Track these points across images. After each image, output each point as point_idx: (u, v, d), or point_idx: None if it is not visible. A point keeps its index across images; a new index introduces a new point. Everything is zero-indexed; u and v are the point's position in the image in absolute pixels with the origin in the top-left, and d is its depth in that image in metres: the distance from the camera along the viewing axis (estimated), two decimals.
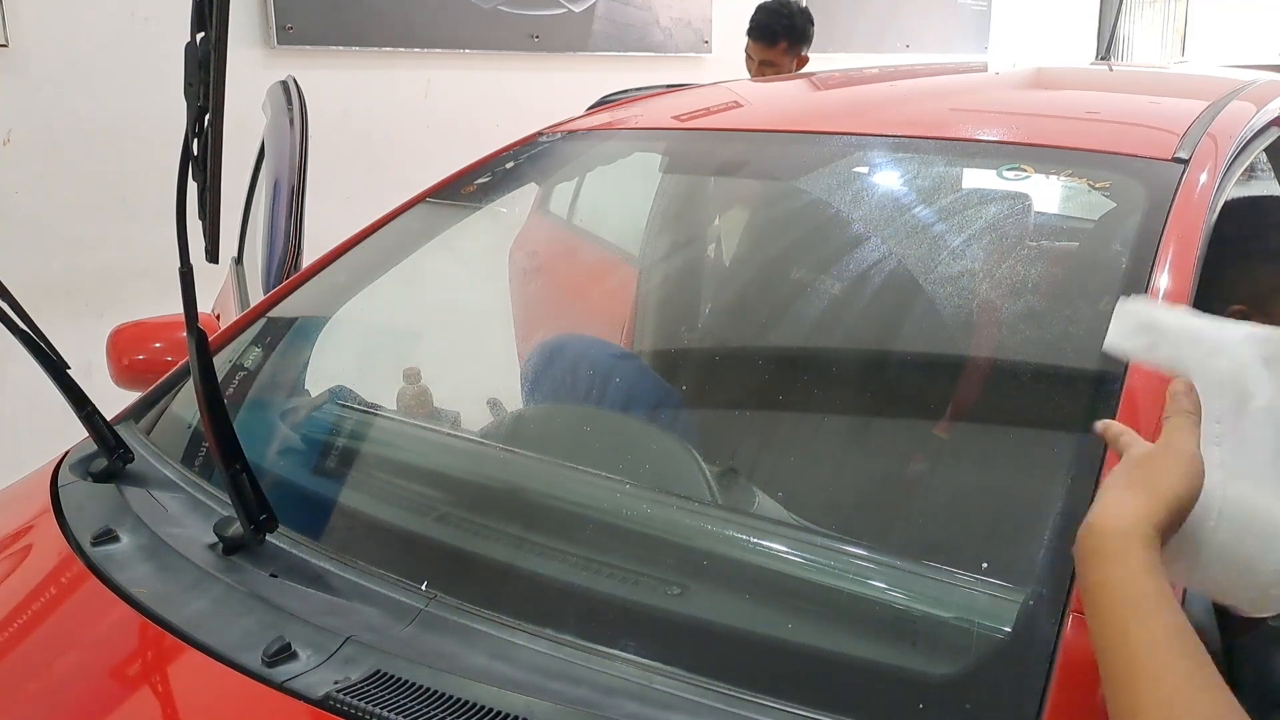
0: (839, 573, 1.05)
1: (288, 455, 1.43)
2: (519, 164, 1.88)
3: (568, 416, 1.60)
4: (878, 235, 1.71)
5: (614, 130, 1.95)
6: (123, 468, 1.34)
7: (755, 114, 1.94)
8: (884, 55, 6.00)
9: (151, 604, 1.07)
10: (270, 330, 1.62)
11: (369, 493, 1.33)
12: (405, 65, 3.97)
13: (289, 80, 2.24)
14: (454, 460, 1.41)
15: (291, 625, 1.02)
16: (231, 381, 1.51)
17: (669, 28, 4.90)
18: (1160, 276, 1.15)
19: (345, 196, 2.97)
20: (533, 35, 4.35)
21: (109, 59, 3.19)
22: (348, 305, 1.70)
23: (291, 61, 3.49)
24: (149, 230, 3.08)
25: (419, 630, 1.02)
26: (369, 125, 3.84)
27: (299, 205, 1.96)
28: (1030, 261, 1.37)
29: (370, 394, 1.50)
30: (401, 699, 0.91)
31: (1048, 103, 1.99)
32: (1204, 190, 1.26)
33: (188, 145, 0.99)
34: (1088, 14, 7.89)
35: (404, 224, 1.76)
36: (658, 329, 2.01)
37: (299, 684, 0.94)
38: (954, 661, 0.92)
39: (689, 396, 1.62)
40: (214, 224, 1.00)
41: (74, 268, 3.19)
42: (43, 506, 1.29)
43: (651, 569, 1.08)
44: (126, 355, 1.80)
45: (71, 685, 1.02)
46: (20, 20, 2.99)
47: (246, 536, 1.13)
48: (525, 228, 2.30)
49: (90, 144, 3.17)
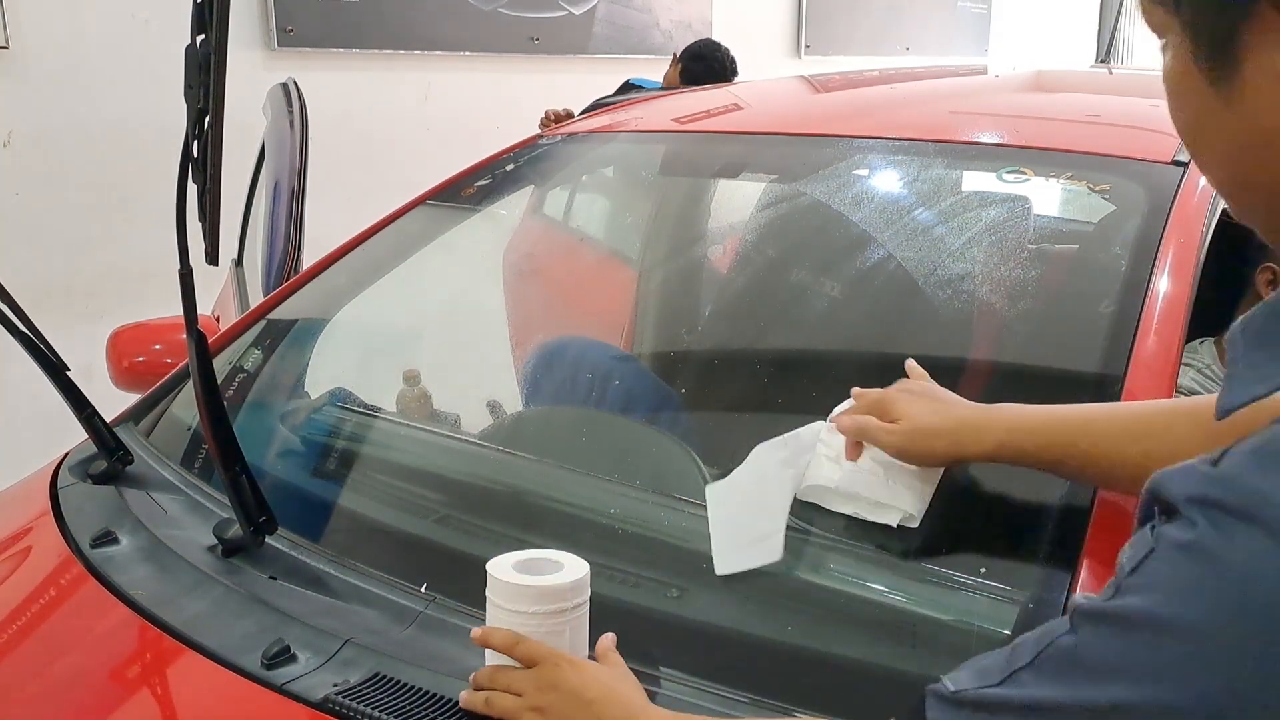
0: (838, 575, 1.05)
1: (287, 457, 1.43)
2: (519, 166, 1.88)
3: (567, 419, 1.60)
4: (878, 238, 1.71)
5: (613, 133, 1.95)
6: (122, 470, 1.34)
7: (755, 116, 1.94)
8: (883, 58, 6.00)
9: (151, 606, 1.07)
10: (270, 332, 1.62)
11: (368, 495, 1.33)
12: (405, 67, 3.98)
13: (289, 82, 2.24)
14: (453, 462, 1.41)
15: (291, 627, 1.02)
16: (231, 383, 1.51)
17: (669, 30, 4.90)
18: (1160, 279, 1.15)
19: (345, 199, 2.97)
20: (533, 37, 4.35)
21: (109, 61, 3.19)
22: (347, 307, 1.70)
23: (292, 63, 3.49)
24: (149, 232, 3.08)
25: (418, 632, 1.02)
26: (369, 127, 3.84)
27: (299, 207, 1.96)
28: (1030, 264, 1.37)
29: (370, 396, 1.50)
30: (400, 701, 0.91)
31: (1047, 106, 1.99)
32: (1204, 193, 1.27)
33: (188, 147, 0.99)
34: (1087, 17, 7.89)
35: (404, 226, 1.76)
36: (657, 331, 2.01)
37: (298, 686, 0.94)
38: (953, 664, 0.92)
39: (689, 398, 1.62)
40: (214, 226, 1.00)
41: (74, 269, 3.20)
42: (42, 508, 1.29)
43: (651, 571, 1.08)
44: (126, 357, 1.80)
45: (71, 687, 1.02)
46: (21, 22, 2.99)
47: (246, 539, 1.13)
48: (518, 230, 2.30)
49: (90, 145, 3.17)
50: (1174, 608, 0.54)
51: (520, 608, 0.88)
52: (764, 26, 5.54)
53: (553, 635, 0.88)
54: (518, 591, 0.88)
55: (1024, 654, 0.63)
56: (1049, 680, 0.61)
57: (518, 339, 2.01)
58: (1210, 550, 0.53)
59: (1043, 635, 0.63)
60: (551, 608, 0.88)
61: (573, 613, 0.89)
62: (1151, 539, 0.57)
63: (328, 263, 1.69)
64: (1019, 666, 0.63)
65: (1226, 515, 0.53)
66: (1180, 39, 0.57)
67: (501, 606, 0.89)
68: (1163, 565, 0.55)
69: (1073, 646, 0.60)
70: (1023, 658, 0.63)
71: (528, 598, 0.88)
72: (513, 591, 0.88)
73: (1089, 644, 0.59)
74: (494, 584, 0.90)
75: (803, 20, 5.68)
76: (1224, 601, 0.53)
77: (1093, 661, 0.58)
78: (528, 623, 0.88)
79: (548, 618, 0.88)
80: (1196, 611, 0.53)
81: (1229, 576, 0.52)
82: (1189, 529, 0.54)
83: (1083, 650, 0.59)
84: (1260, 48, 0.53)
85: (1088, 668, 0.59)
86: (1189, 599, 0.54)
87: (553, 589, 0.88)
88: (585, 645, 0.91)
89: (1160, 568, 0.56)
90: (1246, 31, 0.53)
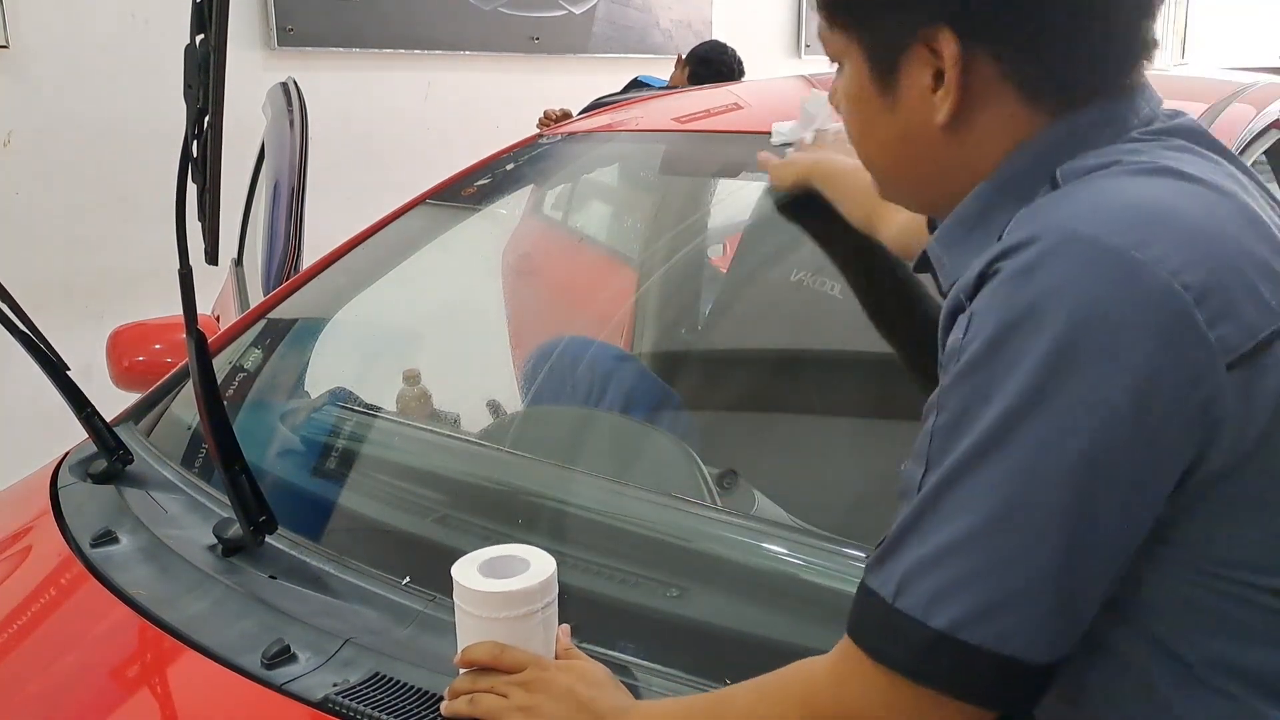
0: (838, 575, 1.05)
1: (287, 457, 1.43)
2: (518, 166, 1.88)
3: (567, 418, 1.60)
4: None
5: (613, 132, 1.95)
6: (122, 469, 1.34)
7: (755, 116, 1.94)
8: None
9: (151, 605, 1.07)
10: (270, 332, 1.62)
11: (368, 495, 1.33)
12: (405, 67, 3.97)
13: (289, 82, 2.24)
14: (453, 462, 1.41)
15: (291, 627, 1.02)
16: (231, 383, 1.51)
17: (669, 29, 4.90)
18: None
19: (345, 198, 2.97)
20: (533, 37, 4.35)
21: (109, 60, 3.19)
22: (347, 307, 1.70)
23: (292, 63, 3.49)
24: (148, 232, 3.08)
25: (418, 632, 1.02)
26: (369, 127, 3.84)
27: (299, 207, 1.96)
28: None
29: (369, 396, 1.50)
30: (400, 701, 0.91)
31: None
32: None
33: (187, 147, 0.99)
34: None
35: (404, 226, 1.76)
36: (657, 331, 2.01)
37: (298, 686, 0.94)
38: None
39: (689, 398, 1.62)
40: (213, 226, 1.00)
41: (74, 268, 3.19)
42: (42, 508, 1.29)
43: (651, 571, 1.08)
44: (126, 357, 1.80)
45: (71, 686, 1.02)
46: (20, 21, 2.99)
47: (246, 538, 1.13)
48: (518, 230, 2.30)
49: (90, 145, 3.17)
50: (1000, 320, 0.64)
51: (493, 614, 0.86)
52: (764, 26, 5.55)
53: (526, 637, 0.86)
54: (488, 599, 0.85)
55: (914, 474, 0.68)
56: (942, 458, 0.66)
57: (517, 339, 2.01)
58: (1015, 271, 0.65)
59: (920, 446, 0.69)
60: (523, 611, 0.86)
61: (544, 611, 0.87)
62: (967, 314, 0.67)
63: (328, 263, 1.69)
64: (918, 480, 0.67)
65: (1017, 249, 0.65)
66: (858, 62, 0.79)
67: (472, 614, 0.87)
68: (982, 311, 0.66)
69: (946, 419, 0.66)
70: (916, 474, 0.68)
71: (499, 604, 0.85)
72: (483, 599, 0.86)
73: (955, 404, 0.66)
74: (463, 592, 0.87)
75: (803, 20, 5.68)
76: (1041, 291, 0.63)
77: (964, 410, 0.65)
78: (499, 628, 0.86)
79: (521, 621, 0.86)
80: (1019, 311, 0.63)
81: (1037, 275, 0.64)
82: (993, 279, 0.66)
83: (954, 413, 0.66)
84: (911, 71, 0.76)
85: (963, 419, 0.65)
86: (1010, 308, 0.64)
87: (524, 592, 0.86)
88: (554, 640, 0.89)
89: (981, 313, 0.66)
90: (904, 61, 0.76)
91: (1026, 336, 0.63)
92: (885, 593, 0.67)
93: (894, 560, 0.67)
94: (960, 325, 0.67)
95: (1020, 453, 0.63)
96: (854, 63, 0.80)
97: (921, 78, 0.75)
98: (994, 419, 0.63)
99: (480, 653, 0.87)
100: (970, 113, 0.75)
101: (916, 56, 0.75)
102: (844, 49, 0.80)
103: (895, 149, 0.80)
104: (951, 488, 0.65)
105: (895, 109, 0.77)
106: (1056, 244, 0.64)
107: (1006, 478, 0.63)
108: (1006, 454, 0.63)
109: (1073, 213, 0.67)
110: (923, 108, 0.76)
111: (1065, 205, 0.68)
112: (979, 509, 0.64)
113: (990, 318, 0.65)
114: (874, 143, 0.82)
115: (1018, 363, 0.63)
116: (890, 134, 0.79)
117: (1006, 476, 0.63)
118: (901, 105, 0.77)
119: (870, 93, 0.79)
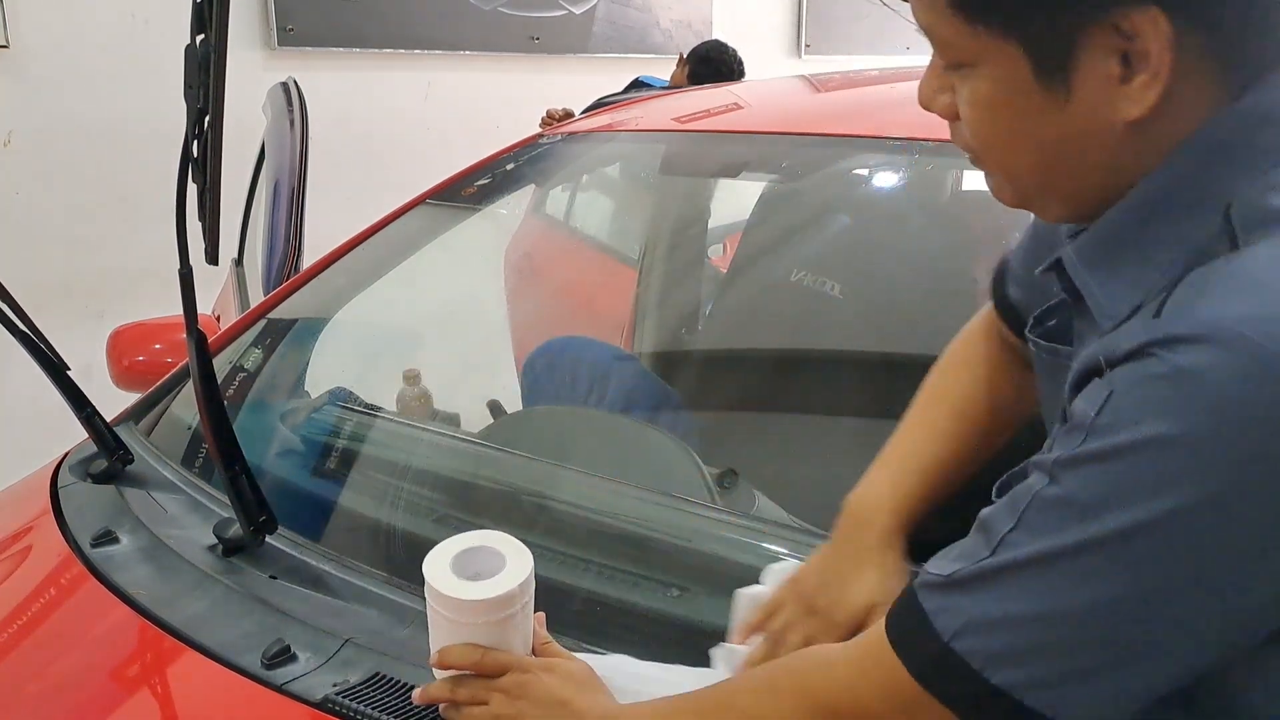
0: None
1: (287, 457, 1.43)
2: (519, 166, 1.88)
3: (567, 418, 1.60)
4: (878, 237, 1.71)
5: (613, 132, 1.95)
6: (122, 469, 1.34)
7: (755, 116, 1.94)
8: (883, 58, 6.00)
9: (151, 605, 1.07)
10: (270, 332, 1.62)
11: (368, 494, 1.33)
12: (405, 67, 3.97)
13: (289, 82, 2.24)
14: (453, 462, 1.41)
15: (291, 627, 1.02)
16: (231, 383, 1.51)
17: (669, 29, 4.90)
18: None
19: (345, 198, 2.97)
20: (533, 37, 4.35)
21: (109, 60, 3.19)
22: (347, 307, 1.70)
23: (292, 63, 3.49)
24: (149, 231, 3.08)
25: (418, 632, 1.02)
26: (369, 127, 3.84)
27: (299, 207, 1.96)
28: None
29: (370, 396, 1.50)
30: (400, 702, 0.91)
31: None
32: None
33: (187, 147, 0.99)
34: None
35: (404, 226, 1.76)
36: (657, 331, 2.01)
37: (298, 686, 0.94)
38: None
39: (689, 398, 1.62)
40: (214, 225, 1.00)
41: (74, 268, 3.20)
42: (42, 507, 1.29)
43: (651, 571, 1.08)
44: (126, 356, 1.80)
45: (71, 687, 1.02)
46: (20, 21, 2.99)
47: (246, 538, 1.13)
48: (519, 230, 2.30)
49: (90, 144, 3.17)
50: (1154, 428, 0.58)
51: (472, 620, 0.83)
52: (764, 26, 5.54)
53: (504, 637, 0.84)
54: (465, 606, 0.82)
55: (1002, 522, 0.65)
56: (1043, 532, 0.62)
57: (518, 338, 2.01)
58: (1175, 372, 0.58)
59: (1017, 499, 0.64)
60: (503, 615, 0.83)
61: (523, 610, 0.85)
62: (1106, 384, 0.61)
63: (328, 262, 1.69)
64: (1004, 533, 0.64)
65: (1180, 343, 0.58)
66: (1013, 60, 0.68)
67: (447, 617, 0.83)
68: (1129, 399, 0.60)
69: (1059, 494, 0.62)
70: (1004, 525, 0.64)
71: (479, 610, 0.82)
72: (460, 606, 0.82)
73: (1075, 486, 0.61)
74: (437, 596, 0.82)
75: (803, 20, 5.68)
76: (1200, 409, 0.57)
77: (1084, 500, 0.60)
78: (478, 631, 0.83)
79: (498, 623, 0.83)
80: (1177, 425, 0.57)
81: (1199, 388, 0.57)
82: (1147, 363, 0.59)
83: (1071, 493, 0.61)
84: (1092, 60, 0.65)
85: (1080, 506, 0.61)
86: (1166, 416, 0.58)
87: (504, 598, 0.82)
88: (531, 634, 0.87)
89: (1127, 401, 0.60)
90: (1082, 50, 0.65)
91: (1183, 459, 0.57)
92: (941, 626, 0.65)
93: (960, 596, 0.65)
94: (1095, 397, 0.61)
95: (1145, 571, 0.59)
96: (1003, 63, 0.68)
97: (1105, 67, 0.65)
98: (1121, 526, 0.59)
99: (460, 657, 0.84)
100: (1164, 100, 0.65)
101: (1098, 44, 0.64)
102: (983, 50, 0.69)
103: (1057, 150, 0.69)
104: (1047, 566, 0.62)
105: (1067, 106, 0.67)
106: (1230, 361, 0.56)
107: (1119, 590, 0.60)
108: (1126, 565, 0.59)
109: (1256, 312, 0.58)
110: (1106, 100, 0.66)
111: (1245, 293, 0.59)
112: (1076, 597, 0.61)
113: (1139, 415, 0.59)
114: (1029, 147, 0.71)
115: (1166, 485, 0.58)
116: (1054, 134, 0.68)
117: (1120, 589, 0.60)
118: (1077, 100, 0.66)
119: (1030, 90, 0.68)
